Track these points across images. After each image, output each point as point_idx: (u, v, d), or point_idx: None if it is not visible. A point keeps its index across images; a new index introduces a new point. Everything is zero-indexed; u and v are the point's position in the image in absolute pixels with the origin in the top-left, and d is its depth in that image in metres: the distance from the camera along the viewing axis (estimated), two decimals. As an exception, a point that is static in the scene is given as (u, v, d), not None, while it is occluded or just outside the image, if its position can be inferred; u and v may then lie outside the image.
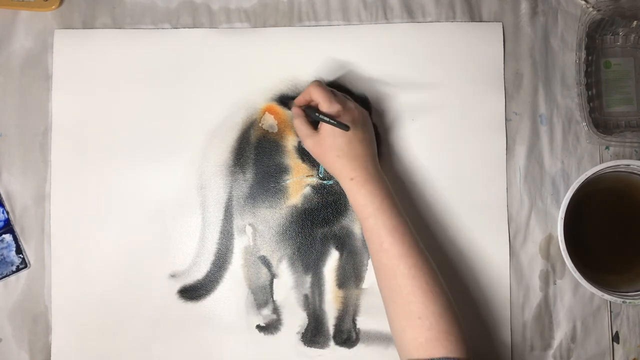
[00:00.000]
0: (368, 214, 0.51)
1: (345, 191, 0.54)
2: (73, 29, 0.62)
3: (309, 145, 0.55)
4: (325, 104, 0.53)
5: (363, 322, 0.59)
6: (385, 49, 0.61)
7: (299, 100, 0.56)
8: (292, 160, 0.61)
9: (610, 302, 0.60)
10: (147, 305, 0.60)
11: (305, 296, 0.60)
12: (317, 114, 0.53)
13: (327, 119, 0.52)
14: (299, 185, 0.60)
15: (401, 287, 0.49)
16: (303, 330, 0.60)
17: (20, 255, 0.60)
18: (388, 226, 0.51)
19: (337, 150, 0.53)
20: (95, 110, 0.61)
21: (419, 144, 0.61)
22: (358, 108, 0.55)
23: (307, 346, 0.59)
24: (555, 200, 0.61)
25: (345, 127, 0.51)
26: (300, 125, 0.55)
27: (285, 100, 0.61)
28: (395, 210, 0.52)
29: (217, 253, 0.60)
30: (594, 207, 0.60)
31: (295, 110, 0.56)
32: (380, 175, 0.54)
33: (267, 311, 0.60)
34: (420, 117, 0.61)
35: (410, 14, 0.62)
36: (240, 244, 0.60)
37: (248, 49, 0.61)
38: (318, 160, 0.56)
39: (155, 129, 0.61)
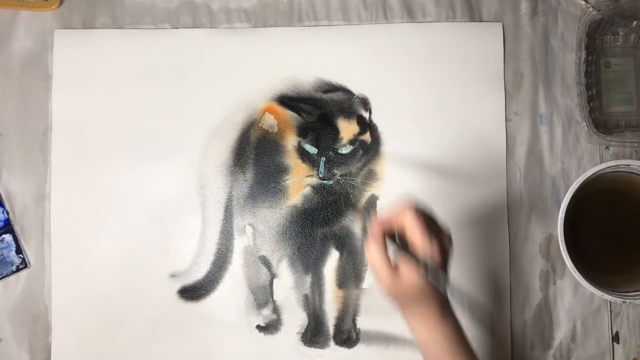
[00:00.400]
0: (438, 358, 0.45)
1: (413, 333, 0.46)
2: (73, 29, 0.62)
3: (387, 286, 0.44)
4: (423, 244, 0.42)
5: (363, 322, 0.59)
6: (385, 49, 0.61)
7: (383, 222, 0.44)
8: (292, 160, 0.61)
9: (610, 302, 0.60)
10: (147, 305, 0.60)
11: (305, 296, 0.60)
12: (424, 266, 0.42)
13: (443, 278, 0.41)
14: (299, 185, 0.60)
15: None
16: (303, 330, 0.60)
17: (20, 255, 0.60)
18: None
19: (418, 293, 0.43)
20: (95, 110, 0.61)
21: (419, 144, 0.61)
22: (450, 242, 0.45)
23: (307, 346, 0.59)
24: (555, 200, 0.61)
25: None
26: (380, 259, 0.43)
27: (285, 100, 0.61)
28: (469, 354, 0.45)
29: (217, 253, 0.60)
30: (594, 207, 0.60)
31: (375, 238, 0.44)
32: (452, 312, 0.46)
33: (267, 311, 0.60)
34: (420, 117, 0.61)
35: (410, 14, 0.62)
36: (240, 244, 0.60)
37: (248, 49, 0.61)
38: (392, 301, 0.46)
39: (155, 129, 0.61)
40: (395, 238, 0.45)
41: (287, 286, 0.60)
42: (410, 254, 0.43)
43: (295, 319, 0.60)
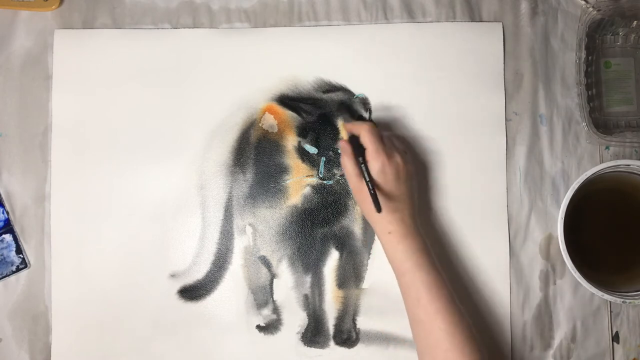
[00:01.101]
0: (405, 270, 0.51)
1: (381, 243, 0.54)
2: (73, 29, 0.62)
3: (353, 185, 0.54)
4: (372, 154, 0.52)
5: (363, 322, 0.59)
6: (385, 49, 0.61)
7: (348, 127, 0.56)
8: (292, 160, 0.61)
9: (610, 302, 0.60)
10: (147, 305, 0.60)
11: (305, 296, 0.60)
12: (365, 173, 0.51)
13: (370, 187, 0.50)
14: (299, 185, 0.60)
15: (439, 342, 0.49)
16: (303, 330, 0.60)
17: (20, 255, 0.60)
18: (426, 282, 0.51)
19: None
20: (95, 110, 0.61)
21: (419, 144, 0.61)
22: (405, 161, 0.54)
23: (307, 346, 0.59)
24: (555, 200, 0.61)
25: (377, 207, 0.49)
26: (349, 165, 0.53)
27: (285, 100, 0.61)
28: (432, 266, 0.52)
29: (217, 253, 0.60)
30: (594, 207, 0.60)
31: (343, 145, 0.54)
32: (418, 230, 0.53)
33: (267, 311, 0.60)
34: (420, 117, 0.61)
35: (410, 14, 0.62)
36: (240, 244, 0.60)
37: (248, 49, 0.61)
38: (358, 203, 0.56)
39: (155, 129, 0.61)
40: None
41: (287, 286, 0.60)
42: (368, 172, 0.52)
43: (295, 319, 0.60)
